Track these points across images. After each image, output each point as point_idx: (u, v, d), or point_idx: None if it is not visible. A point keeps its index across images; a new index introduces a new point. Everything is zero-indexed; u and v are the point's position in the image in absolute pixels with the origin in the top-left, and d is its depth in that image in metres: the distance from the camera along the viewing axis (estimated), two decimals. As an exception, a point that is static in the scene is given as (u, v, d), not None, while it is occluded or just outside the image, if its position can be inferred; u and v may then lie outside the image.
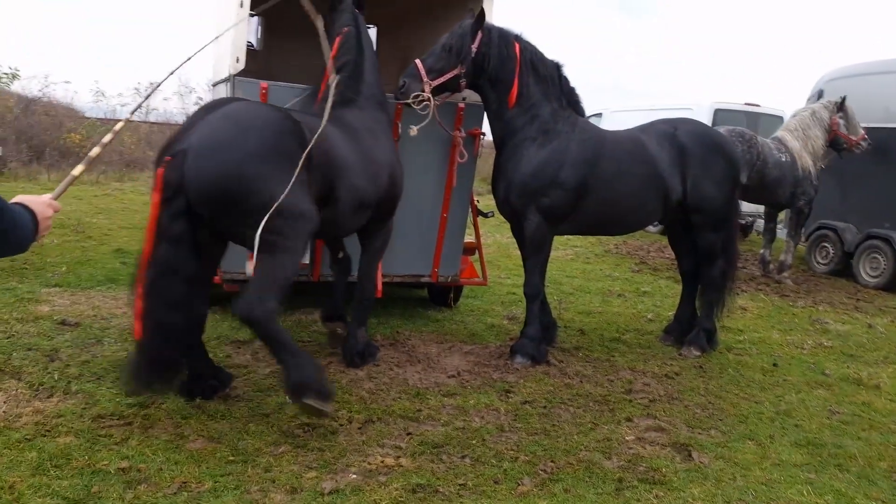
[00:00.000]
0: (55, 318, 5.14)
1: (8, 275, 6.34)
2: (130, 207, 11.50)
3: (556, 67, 5.14)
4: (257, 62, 7.88)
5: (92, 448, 3.31)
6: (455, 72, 4.81)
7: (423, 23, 6.91)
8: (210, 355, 4.21)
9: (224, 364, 4.59)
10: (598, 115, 16.10)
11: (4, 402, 3.71)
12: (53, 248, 7.71)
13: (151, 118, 22.21)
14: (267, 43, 8.17)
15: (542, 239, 5.12)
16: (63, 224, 9.13)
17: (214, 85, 6.39)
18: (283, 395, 4.12)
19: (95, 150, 2.77)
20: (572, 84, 5.18)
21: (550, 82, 5.07)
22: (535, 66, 5.01)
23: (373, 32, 7.90)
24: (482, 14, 4.88)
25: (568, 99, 5.15)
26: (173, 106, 22.06)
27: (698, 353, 5.67)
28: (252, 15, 7.89)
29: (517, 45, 4.96)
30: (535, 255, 5.19)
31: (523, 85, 4.96)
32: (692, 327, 5.85)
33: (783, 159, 9.08)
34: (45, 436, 3.39)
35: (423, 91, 4.69)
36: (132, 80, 27.02)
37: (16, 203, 2.03)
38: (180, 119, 19.90)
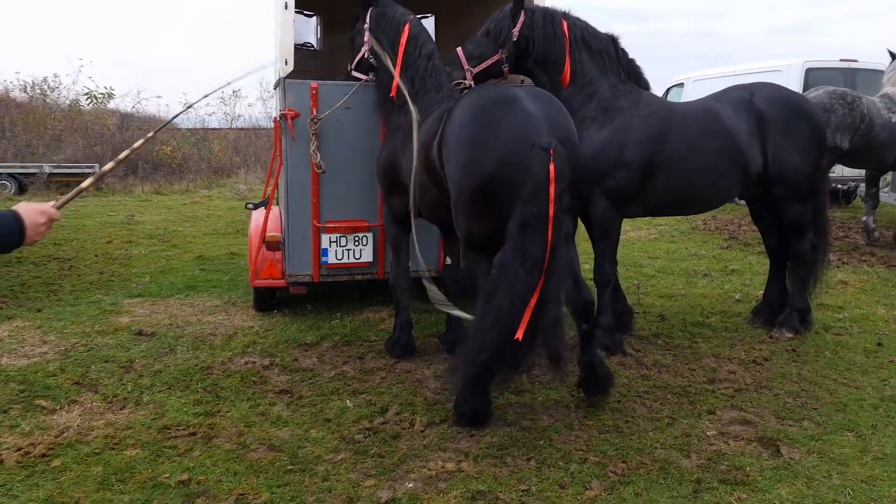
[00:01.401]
0: (133, 328, 5.32)
1: (96, 287, 6.64)
2: (215, 214, 11.91)
3: (612, 40, 4.85)
4: (319, 62, 7.93)
5: (156, 461, 3.36)
6: (496, 57, 4.66)
7: (482, 11, 6.72)
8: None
9: (290, 367, 4.61)
10: (680, 84, 15.38)
11: (80, 416, 3.84)
12: (141, 258, 8.04)
13: (238, 125, 23.15)
14: (329, 42, 8.19)
15: (609, 223, 4.85)
16: (151, 234, 9.55)
17: (275, 87, 6.43)
18: (345, 398, 4.10)
19: (109, 166, 2.78)
20: (631, 56, 4.89)
21: (606, 57, 4.79)
22: (586, 42, 4.75)
23: (431, 21, 7.79)
24: None
25: (628, 72, 4.86)
26: (257, 112, 22.72)
27: (791, 336, 5.25)
28: (309, 15, 7.95)
29: (565, 23, 4.71)
30: (603, 241, 4.93)
31: (576, 62, 4.71)
32: (783, 307, 5.42)
33: (893, 119, 8.31)
34: (112, 449, 3.47)
35: (465, 79, 4.54)
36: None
37: (6, 210, 2.18)
38: (266, 124, 20.58)
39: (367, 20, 4.72)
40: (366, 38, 4.75)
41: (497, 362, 3.51)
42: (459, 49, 4.68)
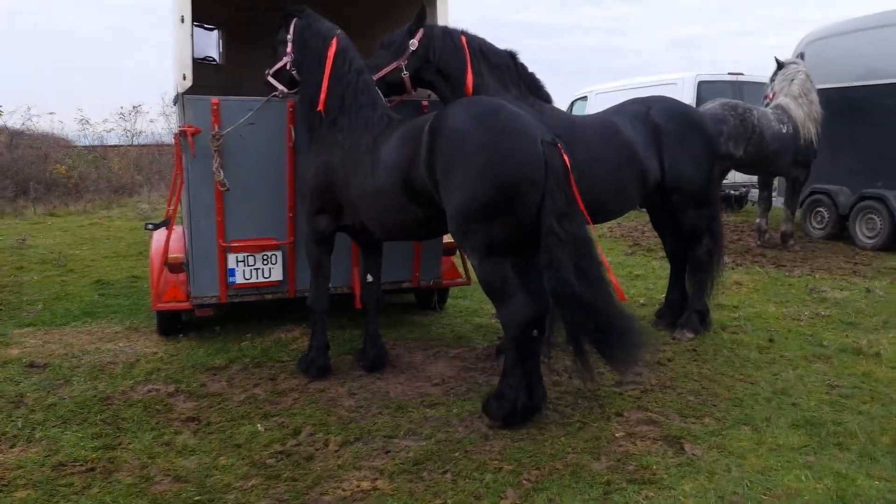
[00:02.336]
0: (24, 360, 4.99)
1: (-18, 318, 6.21)
2: (116, 235, 11.36)
3: (510, 55, 4.95)
4: (221, 77, 7.75)
5: (49, 501, 3.16)
6: (395, 64, 4.73)
7: (385, 27, 6.75)
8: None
9: (197, 393, 4.45)
10: (584, 97, 15.91)
11: (-36, 458, 3.57)
12: (33, 284, 7.58)
13: (140, 141, 22.21)
14: (230, 56, 8.01)
15: None
16: (45, 259, 9.02)
17: (174, 103, 6.23)
18: (256, 422, 3.99)
19: None
20: (531, 70, 5.01)
21: (506, 70, 4.88)
22: (486, 55, 4.84)
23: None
24: (422, 11, 4.78)
25: (528, 85, 4.98)
26: (160, 128, 21.87)
27: (692, 336, 5.50)
28: (210, 29, 7.76)
29: (463, 38, 4.82)
30: None
31: (477, 74, 4.78)
32: (684, 310, 5.68)
33: (784, 131, 8.85)
34: (1, 491, 3.23)
35: None
36: (115, 105, 26.85)
37: None
38: (170, 140, 19.87)
39: (291, 31, 4.61)
40: (289, 49, 4.62)
41: (611, 333, 3.75)
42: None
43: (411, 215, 4.16)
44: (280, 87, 4.72)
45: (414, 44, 4.72)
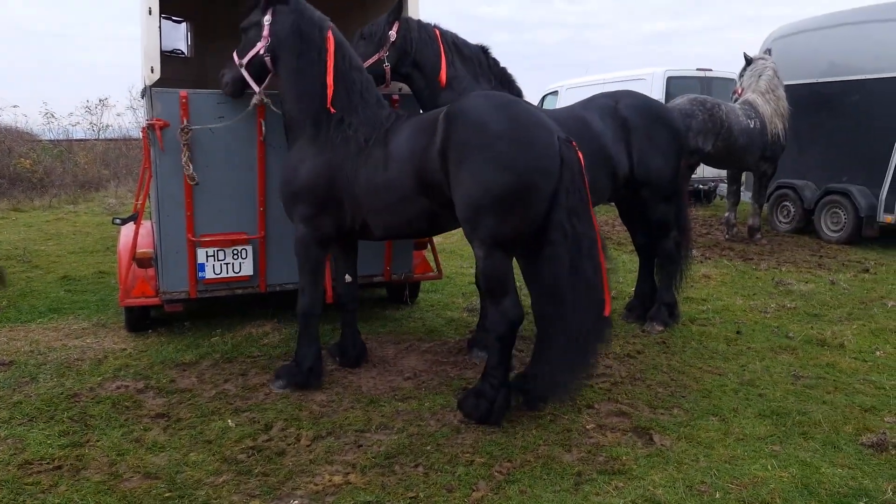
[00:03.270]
0: (-12, 358, 4.90)
1: (-56, 315, 6.06)
2: (83, 230, 11.16)
3: (482, 49, 4.99)
4: (190, 69, 7.64)
5: (16, 500, 3.11)
6: (378, 56, 4.74)
7: (357, 18, 6.71)
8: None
9: (167, 389, 4.40)
10: (554, 92, 15.98)
11: (-75, 458, 3.49)
12: (-4, 281, 7.41)
13: (107, 135, 21.81)
14: (199, 49, 7.90)
15: None
16: (9, 255, 8.83)
17: (142, 96, 6.14)
18: (227, 418, 3.96)
19: None
20: (503, 65, 5.03)
21: (478, 63, 4.92)
22: (458, 48, 4.89)
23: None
24: (400, 3, 4.75)
25: (500, 79, 4.99)
26: (128, 122, 21.50)
27: (661, 329, 5.58)
28: (178, 21, 7.65)
29: (437, 31, 4.87)
30: None
31: (451, 66, 4.81)
32: (653, 302, 5.75)
33: (751, 126, 8.99)
34: (-35, 491, 3.18)
35: None
36: (81, 98, 26.34)
37: None
38: (136, 134, 19.51)
39: (270, 14, 4.33)
40: (265, 34, 4.33)
41: (595, 341, 3.88)
42: None
43: (419, 207, 4.07)
44: (255, 86, 4.49)
45: (393, 35, 4.72)
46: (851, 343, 5.30)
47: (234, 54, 4.52)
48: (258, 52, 4.39)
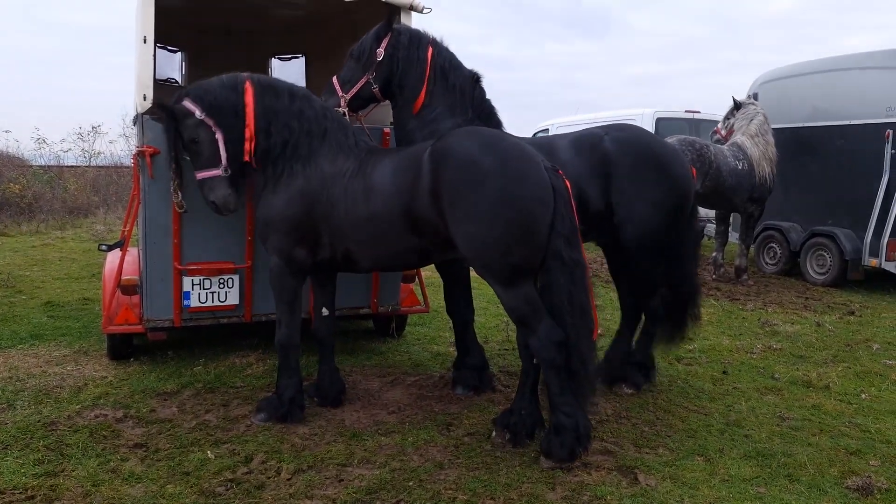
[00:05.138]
0: (-35, 383, 4.81)
1: (-78, 339, 5.97)
2: (69, 256, 11.08)
3: (473, 78, 4.70)
4: (183, 99, 7.66)
5: (-16, 530, 3.03)
6: (364, 79, 4.59)
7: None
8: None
9: (146, 419, 4.33)
10: (545, 130, 16.16)
11: None
12: (-22, 305, 7.32)
13: (98, 162, 21.79)
14: (193, 78, 7.94)
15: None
16: (-8, 280, 8.72)
17: (134, 123, 6.15)
18: (207, 449, 3.89)
19: None
20: (487, 96, 4.76)
21: (460, 94, 4.61)
22: (444, 74, 4.58)
23: (301, 62, 7.78)
24: (391, 16, 4.68)
25: (479, 112, 4.68)
26: (119, 149, 21.54)
27: (631, 392, 5.01)
28: (174, 51, 7.71)
29: (430, 49, 4.58)
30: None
31: (429, 93, 4.55)
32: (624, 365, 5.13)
33: (739, 167, 9.13)
34: (-68, 520, 3.09)
35: (340, 105, 4.54)
36: (74, 124, 26.39)
37: None
38: (127, 161, 19.49)
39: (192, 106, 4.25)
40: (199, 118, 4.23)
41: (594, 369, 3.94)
42: (334, 77, 4.66)
43: (409, 244, 4.07)
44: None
45: (380, 53, 4.54)
46: (837, 385, 5.30)
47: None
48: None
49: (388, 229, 4.04)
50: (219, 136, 4.21)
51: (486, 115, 4.72)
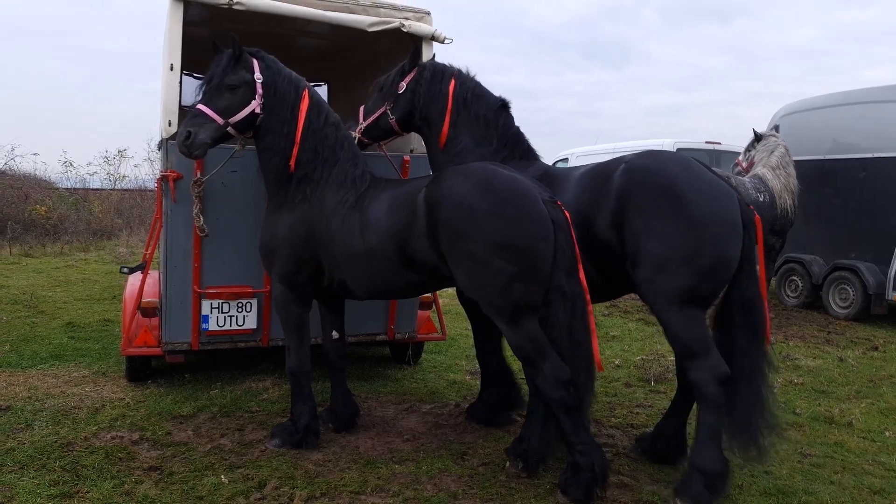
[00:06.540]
0: (-15, 402, 4.86)
1: (-55, 357, 6.06)
2: (91, 278, 11.23)
3: (502, 104, 4.55)
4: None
5: (-1, 550, 3.04)
6: (381, 110, 4.60)
7: (375, 77, 6.88)
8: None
9: (162, 442, 4.34)
10: (565, 159, 16.20)
11: (-88, 502, 3.43)
12: (1, 325, 7.43)
13: (123, 185, 22.16)
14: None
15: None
16: (16, 300, 8.87)
17: (159, 148, 6.26)
18: (221, 474, 3.88)
19: None
20: (516, 125, 4.59)
21: (484, 124, 4.48)
22: (468, 105, 4.48)
23: (324, 90, 7.88)
24: (417, 51, 4.74)
25: (506, 141, 4.52)
26: (144, 173, 21.89)
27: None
28: (199, 78, 7.85)
29: (453, 82, 4.50)
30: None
31: (452, 126, 4.48)
32: (672, 444, 4.29)
33: (760, 199, 9.05)
34: (-52, 539, 3.11)
35: (356, 133, 4.59)
36: (100, 148, 26.91)
37: None
38: (151, 185, 19.81)
39: (257, 70, 4.19)
40: (259, 91, 4.16)
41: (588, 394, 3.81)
42: (362, 107, 4.73)
43: (406, 279, 4.08)
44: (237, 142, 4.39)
45: (402, 86, 4.55)
46: (860, 422, 5.19)
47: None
48: (252, 110, 4.17)
49: (383, 264, 4.03)
50: (254, 106, 4.15)
51: (514, 142, 4.55)
